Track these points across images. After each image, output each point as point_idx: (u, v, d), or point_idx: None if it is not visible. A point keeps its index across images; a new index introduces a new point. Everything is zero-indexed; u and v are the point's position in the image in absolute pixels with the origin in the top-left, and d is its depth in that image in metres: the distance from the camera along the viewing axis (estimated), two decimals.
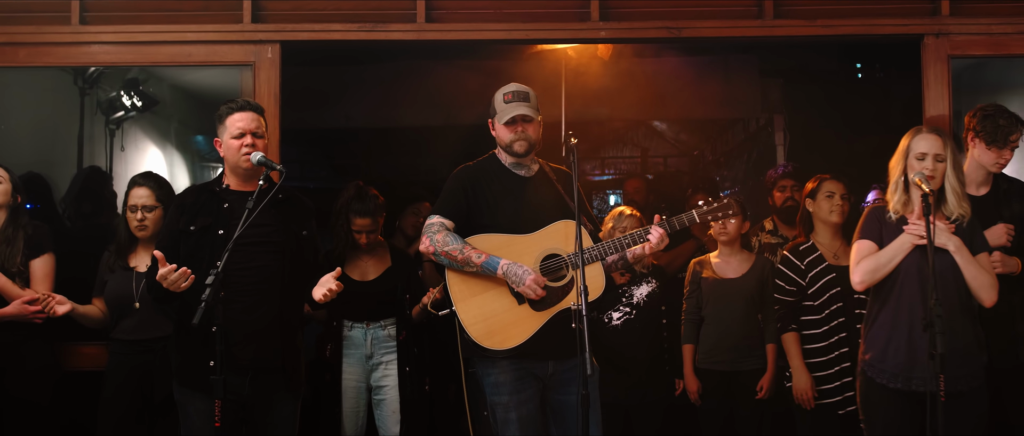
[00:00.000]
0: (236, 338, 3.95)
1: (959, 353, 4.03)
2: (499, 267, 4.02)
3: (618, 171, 11.15)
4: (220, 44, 5.23)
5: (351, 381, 5.37)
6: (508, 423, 4.13)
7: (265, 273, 4.10)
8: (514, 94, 4.17)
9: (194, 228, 4.11)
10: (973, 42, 5.28)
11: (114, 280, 4.74)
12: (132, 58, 5.31)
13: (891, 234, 4.20)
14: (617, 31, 5.33)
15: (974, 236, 4.18)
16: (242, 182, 4.21)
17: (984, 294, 4.09)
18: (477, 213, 4.18)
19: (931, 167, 4.11)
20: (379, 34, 5.26)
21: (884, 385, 4.13)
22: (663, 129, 10.80)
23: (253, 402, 4.09)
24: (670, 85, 7.55)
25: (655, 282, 5.50)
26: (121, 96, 6.66)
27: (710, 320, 5.49)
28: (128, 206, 4.79)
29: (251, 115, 4.18)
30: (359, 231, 5.33)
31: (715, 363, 5.44)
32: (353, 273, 5.40)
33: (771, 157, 8.38)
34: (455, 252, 4.07)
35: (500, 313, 4.09)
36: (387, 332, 5.39)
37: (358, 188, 5.41)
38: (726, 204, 4.10)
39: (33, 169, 5.85)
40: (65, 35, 5.15)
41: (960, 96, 5.76)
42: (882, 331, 4.19)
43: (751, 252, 5.67)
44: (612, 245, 4.02)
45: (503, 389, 4.12)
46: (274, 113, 5.19)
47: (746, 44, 6.83)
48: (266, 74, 5.20)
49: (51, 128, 6.38)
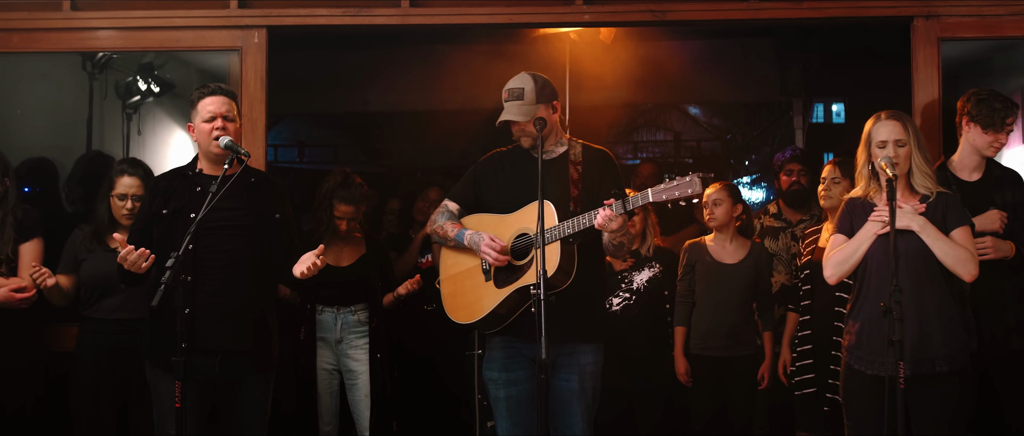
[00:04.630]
0: (206, 320, 4.01)
1: (938, 333, 3.98)
2: (465, 238, 4.12)
3: (651, 154, 11.11)
4: (208, 29, 5.30)
5: (323, 363, 5.49)
6: (498, 401, 4.17)
7: (235, 256, 4.14)
8: (509, 92, 4.14)
9: (166, 211, 4.16)
10: (964, 24, 5.16)
11: (94, 259, 4.79)
12: (122, 43, 5.41)
13: (860, 223, 4.16)
14: (600, 14, 5.30)
15: (949, 212, 4.10)
16: (215, 166, 4.25)
17: (961, 268, 3.99)
18: (487, 197, 4.26)
19: (892, 153, 4.05)
20: (364, 19, 5.30)
21: (862, 371, 4.11)
22: (696, 113, 10.76)
23: (223, 384, 4.16)
24: (683, 68, 7.51)
25: (658, 267, 5.47)
26: (137, 81, 6.79)
27: (705, 305, 5.45)
28: (116, 194, 4.83)
29: (222, 99, 4.22)
30: (341, 218, 5.41)
31: (709, 349, 5.42)
32: (328, 258, 5.45)
33: (791, 141, 8.29)
34: (439, 229, 4.26)
35: (469, 289, 4.16)
36: (357, 318, 5.48)
37: (344, 175, 5.48)
38: (687, 182, 3.78)
39: (47, 155, 6.02)
40: (57, 21, 5.26)
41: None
42: (858, 318, 4.16)
43: (747, 239, 5.62)
44: (566, 226, 3.96)
45: (494, 365, 4.19)
46: (261, 98, 5.26)
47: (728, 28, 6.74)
48: (253, 59, 5.26)
49: (64, 113, 6.53)
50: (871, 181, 4.20)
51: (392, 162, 10.67)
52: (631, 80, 7.34)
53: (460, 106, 7.94)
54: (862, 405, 4.13)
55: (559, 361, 4.10)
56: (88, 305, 4.86)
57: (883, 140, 4.08)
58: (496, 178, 4.26)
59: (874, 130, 4.14)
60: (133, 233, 4.14)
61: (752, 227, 5.82)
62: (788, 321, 5.36)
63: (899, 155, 4.05)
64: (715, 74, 7.98)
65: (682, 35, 7.46)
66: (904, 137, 4.07)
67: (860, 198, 4.23)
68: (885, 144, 4.07)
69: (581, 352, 4.14)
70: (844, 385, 4.25)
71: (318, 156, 11.25)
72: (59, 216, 5.72)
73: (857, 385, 4.15)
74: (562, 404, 4.12)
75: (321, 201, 5.48)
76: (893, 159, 4.01)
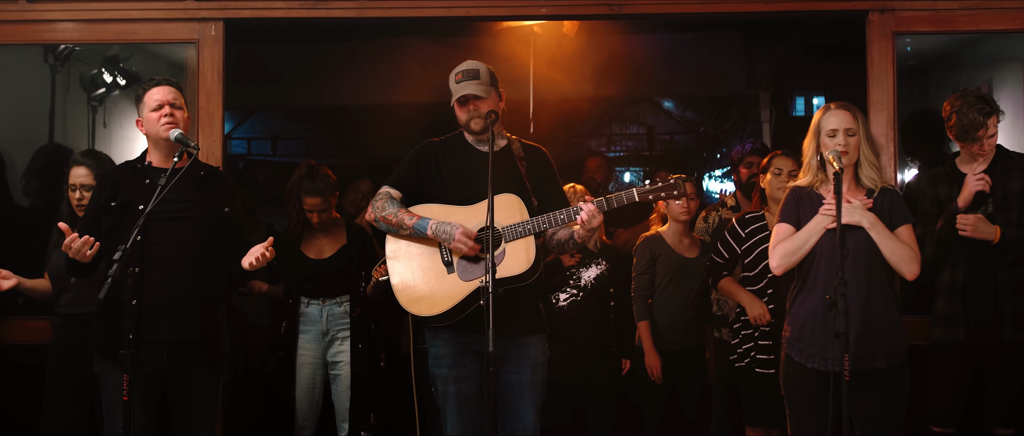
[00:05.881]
0: (153, 311, 4.01)
1: (880, 330, 4.01)
2: (429, 227, 4.02)
3: (625, 148, 11.12)
4: (165, 22, 5.29)
5: (307, 357, 5.47)
6: (447, 397, 4.14)
7: (184, 248, 4.14)
8: (463, 73, 4.15)
9: (115, 204, 4.15)
10: (918, 18, 5.18)
11: (57, 255, 4.79)
12: (79, 36, 5.41)
13: (808, 214, 4.16)
14: (557, 8, 5.29)
15: (894, 209, 4.13)
16: (164, 158, 4.25)
17: (904, 268, 4.03)
18: (429, 187, 4.20)
19: (842, 142, 4.06)
20: (321, 12, 5.29)
21: (802, 364, 4.11)
22: (669, 107, 10.77)
23: (172, 375, 4.16)
24: (649, 61, 7.53)
25: (605, 264, 5.47)
26: (102, 73, 6.77)
27: (666, 299, 5.49)
28: (69, 185, 4.86)
29: (168, 88, 4.23)
30: (310, 210, 5.41)
31: (665, 342, 5.45)
32: (309, 251, 5.50)
33: (759, 135, 8.31)
34: (390, 216, 4.10)
35: (428, 281, 4.09)
36: (342, 309, 5.47)
37: (309, 167, 5.47)
38: (672, 184, 3.91)
39: (7, 147, 6.00)
40: (13, 13, 5.25)
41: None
42: (800, 311, 4.16)
43: (695, 233, 5.67)
44: (543, 221, 3.97)
45: (443, 361, 4.14)
46: (218, 91, 5.25)
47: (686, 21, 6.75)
48: (210, 51, 5.25)
49: (25, 105, 6.51)
50: (818, 171, 4.20)
51: (365, 155, 10.65)
52: (596, 73, 7.36)
53: (430, 99, 7.92)
54: (803, 397, 4.15)
55: (509, 354, 4.10)
56: (55, 300, 4.91)
57: (833, 129, 4.08)
58: (438, 168, 4.21)
59: (824, 119, 4.14)
60: (83, 226, 4.13)
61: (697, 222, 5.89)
62: (728, 284, 5.24)
63: (848, 144, 4.05)
64: (682, 68, 8.01)
65: (647, 28, 7.47)
66: (854, 126, 4.08)
67: (806, 188, 4.23)
68: (835, 133, 4.08)
69: (530, 344, 4.14)
70: (785, 377, 4.26)
71: (291, 149, 11.22)
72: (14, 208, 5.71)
73: (797, 377, 4.17)
74: (512, 397, 4.11)
75: (289, 195, 5.49)
76: (842, 149, 4.02)
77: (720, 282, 5.21)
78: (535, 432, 4.13)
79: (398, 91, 7.97)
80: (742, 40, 7.92)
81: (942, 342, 4.65)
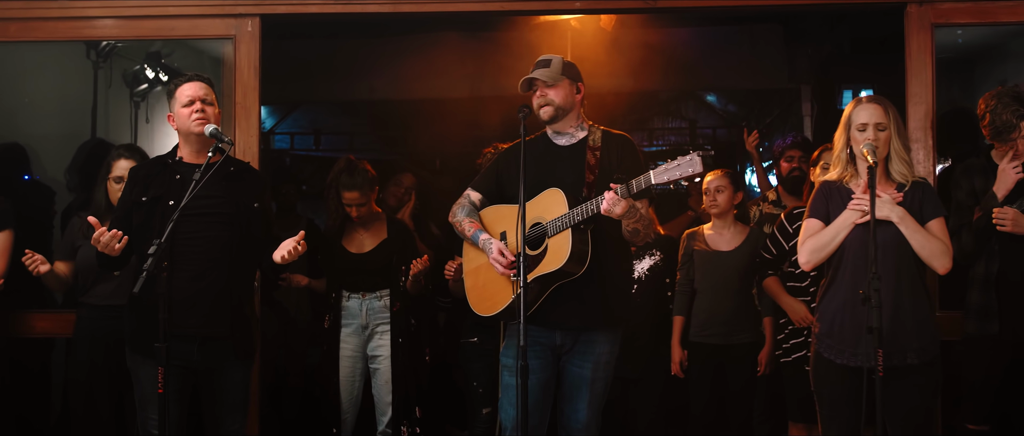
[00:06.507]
0: (183, 306, 4.05)
1: (910, 325, 3.97)
2: (479, 241, 4.18)
3: (667, 143, 11.05)
4: (201, 18, 5.34)
5: (348, 350, 5.52)
6: (508, 388, 4.19)
7: (214, 243, 4.17)
8: (538, 63, 4.24)
9: (146, 199, 4.20)
10: (957, 10, 5.09)
11: (86, 247, 4.82)
12: (117, 32, 5.49)
13: (837, 209, 4.12)
14: (592, 2, 5.28)
15: (925, 202, 4.08)
16: (195, 154, 4.29)
17: (936, 262, 3.98)
18: (508, 185, 4.30)
19: (873, 136, 4.01)
20: (356, 7, 5.32)
21: (832, 360, 4.08)
22: (712, 101, 10.70)
23: (203, 369, 4.21)
24: (687, 55, 7.48)
25: (659, 255, 5.49)
26: (144, 69, 6.88)
27: (703, 293, 5.47)
28: (112, 177, 4.92)
29: (199, 84, 4.27)
30: (349, 205, 5.45)
31: (708, 336, 5.43)
32: (349, 246, 5.54)
33: (800, 128, 8.23)
34: (458, 223, 4.30)
35: (491, 281, 4.20)
36: (383, 303, 5.51)
37: (348, 162, 5.51)
38: (687, 160, 3.76)
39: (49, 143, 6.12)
40: (53, 10, 5.32)
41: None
42: (830, 306, 4.13)
43: (746, 225, 5.61)
44: (576, 213, 3.96)
45: (510, 352, 4.20)
46: (254, 86, 5.29)
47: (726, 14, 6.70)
48: (246, 47, 5.30)
49: (69, 102, 6.63)
50: (848, 165, 4.16)
51: (406, 150, 10.69)
52: (634, 67, 7.32)
53: (467, 93, 7.96)
54: (834, 394, 4.12)
55: (576, 348, 4.17)
56: (83, 291, 4.95)
57: (863, 122, 4.04)
58: (517, 167, 4.17)
59: (854, 113, 4.10)
60: (114, 220, 4.18)
61: (748, 217, 5.81)
62: (772, 284, 5.26)
63: (879, 139, 4.01)
64: (721, 61, 7.95)
65: (685, 22, 7.43)
66: (884, 121, 4.03)
67: (836, 182, 4.19)
68: (865, 127, 4.03)
69: (597, 341, 4.17)
70: (814, 373, 4.23)
71: (334, 144, 11.27)
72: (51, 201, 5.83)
73: (826, 373, 4.14)
74: (572, 389, 4.18)
75: (328, 190, 5.55)
76: (874, 144, 3.98)
77: (765, 280, 5.18)
78: (588, 427, 4.17)
79: (435, 85, 8.00)
80: (782, 33, 7.84)
81: (976, 335, 4.57)
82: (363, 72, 8.32)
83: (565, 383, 4.20)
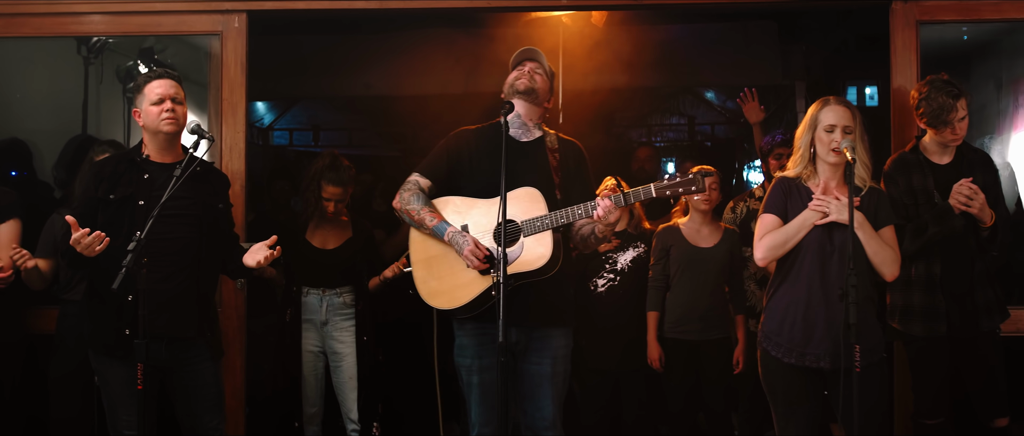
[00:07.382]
0: (152, 306, 3.95)
1: (861, 327, 3.90)
2: (445, 233, 4.07)
3: (665, 139, 11.04)
4: (188, 14, 5.37)
5: (309, 345, 5.57)
6: (471, 387, 4.19)
7: (182, 244, 4.16)
8: (522, 51, 4.27)
9: (114, 197, 4.14)
10: (942, 7, 5.11)
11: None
12: (105, 28, 5.51)
13: (796, 207, 4.13)
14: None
15: (879, 209, 4.12)
16: (161, 151, 4.25)
17: (886, 269, 4.04)
18: (458, 175, 4.22)
19: (840, 138, 4.03)
20: (344, 3, 5.35)
21: (780, 359, 4.10)
22: (710, 97, 10.66)
23: (171, 368, 4.18)
24: (681, 52, 7.47)
25: (643, 247, 5.49)
26: (137, 65, 6.87)
27: (680, 289, 5.46)
28: None
29: (169, 82, 4.20)
30: (329, 199, 5.47)
31: (684, 333, 5.43)
32: (314, 240, 5.56)
33: (794, 125, 8.20)
34: (413, 212, 4.15)
35: (449, 274, 4.13)
36: (342, 300, 5.55)
37: (332, 157, 5.53)
38: (690, 179, 3.88)
39: (44, 138, 6.12)
40: (40, 5, 5.35)
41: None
42: (779, 305, 4.14)
43: (719, 223, 5.63)
44: (560, 216, 3.97)
45: (467, 352, 4.19)
46: (241, 83, 5.32)
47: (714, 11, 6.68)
48: (233, 43, 5.33)
49: (60, 98, 6.63)
50: (808, 164, 4.17)
51: (406, 146, 10.68)
52: (627, 64, 7.31)
53: (461, 90, 7.95)
54: (789, 395, 4.14)
55: (532, 345, 4.15)
56: (67, 288, 4.94)
57: (831, 124, 4.06)
58: (469, 157, 4.22)
59: (822, 114, 4.12)
60: (76, 217, 4.05)
61: (722, 212, 5.83)
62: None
63: (845, 142, 4.02)
64: (715, 58, 7.94)
65: (678, 18, 7.41)
66: (851, 124, 4.06)
67: (794, 179, 4.20)
68: (833, 128, 4.05)
69: (553, 336, 4.17)
70: (764, 372, 4.23)
71: (333, 140, 11.27)
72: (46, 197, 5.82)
73: (777, 371, 4.15)
74: (532, 387, 4.16)
75: (309, 183, 5.55)
76: (836, 146, 4.01)
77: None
78: (553, 422, 4.17)
79: (430, 81, 7.99)
80: (776, 30, 7.82)
81: (924, 337, 4.57)
82: (360, 68, 8.32)
83: (525, 382, 4.18)
